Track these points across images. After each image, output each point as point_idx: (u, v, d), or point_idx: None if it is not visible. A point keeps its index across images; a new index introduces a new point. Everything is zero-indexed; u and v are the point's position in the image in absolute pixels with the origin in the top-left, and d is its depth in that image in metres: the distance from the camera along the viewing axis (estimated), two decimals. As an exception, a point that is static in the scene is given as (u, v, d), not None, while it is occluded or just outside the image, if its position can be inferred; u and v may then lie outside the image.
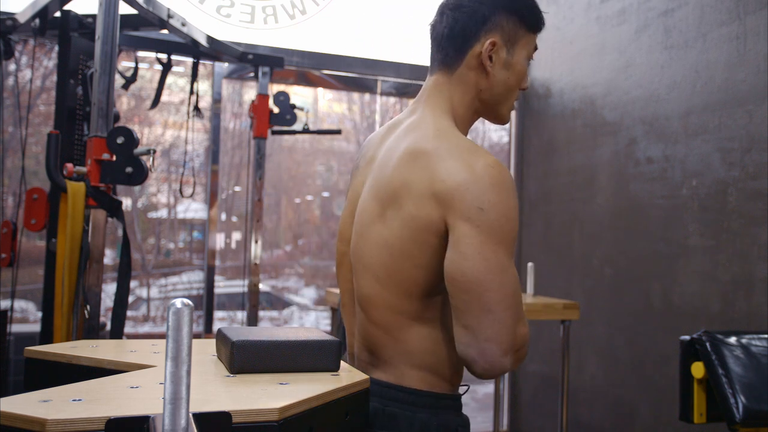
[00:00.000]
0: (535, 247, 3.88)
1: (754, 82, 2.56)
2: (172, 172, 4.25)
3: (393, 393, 1.12)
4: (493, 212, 1.01)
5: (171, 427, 0.57)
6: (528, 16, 1.16)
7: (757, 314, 2.48)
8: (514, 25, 1.15)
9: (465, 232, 1.01)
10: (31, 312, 3.83)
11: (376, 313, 1.13)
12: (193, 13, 3.02)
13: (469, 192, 1.01)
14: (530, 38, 1.18)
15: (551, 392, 3.63)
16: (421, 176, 1.05)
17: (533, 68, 3.99)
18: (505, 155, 4.15)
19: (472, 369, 1.05)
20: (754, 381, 1.78)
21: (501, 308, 1.01)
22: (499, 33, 1.14)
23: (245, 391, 0.82)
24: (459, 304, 1.03)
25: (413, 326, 1.11)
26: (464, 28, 1.15)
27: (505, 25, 1.15)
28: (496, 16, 1.14)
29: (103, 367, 0.98)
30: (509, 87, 1.18)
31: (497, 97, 1.18)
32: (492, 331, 1.01)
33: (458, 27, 1.15)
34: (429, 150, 1.06)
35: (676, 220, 2.88)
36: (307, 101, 4.21)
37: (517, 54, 1.17)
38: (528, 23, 1.17)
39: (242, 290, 3.10)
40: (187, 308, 0.58)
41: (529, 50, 1.19)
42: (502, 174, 1.04)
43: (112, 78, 2.03)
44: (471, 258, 1.01)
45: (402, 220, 1.07)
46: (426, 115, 1.15)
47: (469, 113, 1.19)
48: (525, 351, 1.08)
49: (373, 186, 1.14)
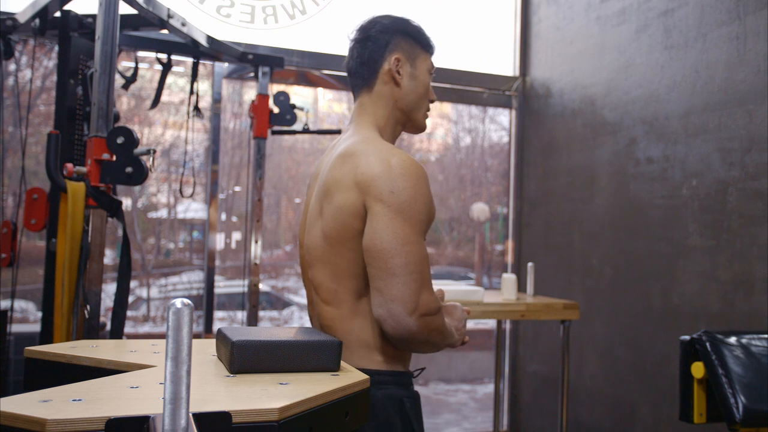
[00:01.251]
0: (535, 247, 3.88)
1: (754, 82, 2.56)
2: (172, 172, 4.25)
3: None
4: (402, 195, 1.23)
5: (171, 427, 0.57)
6: (419, 38, 1.44)
7: (757, 314, 2.48)
8: (411, 45, 1.43)
9: (378, 210, 1.23)
10: (31, 312, 3.83)
11: (326, 295, 1.33)
12: (193, 13, 3.02)
13: (382, 179, 1.23)
14: (426, 56, 1.45)
15: (551, 392, 3.63)
16: (347, 172, 1.28)
17: (533, 68, 3.99)
18: (505, 155, 4.15)
19: (385, 329, 1.23)
20: (754, 381, 1.78)
21: (405, 272, 1.20)
22: (401, 51, 1.42)
23: (245, 391, 0.82)
24: (372, 271, 1.23)
25: (358, 305, 1.31)
26: (372, 53, 1.42)
27: (404, 45, 1.42)
28: (395, 39, 1.42)
29: (103, 367, 0.98)
30: (418, 95, 1.43)
31: (411, 104, 1.43)
32: (397, 291, 1.20)
33: (367, 53, 1.43)
34: (355, 152, 1.30)
35: (676, 220, 2.88)
36: (307, 101, 4.21)
37: (419, 68, 1.44)
38: (421, 44, 1.44)
39: (242, 290, 3.10)
40: (187, 308, 0.58)
41: (428, 66, 1.46)
42: (413, 166, 1.26)
43: (112, 78, 2.03)
44: (381, 231, 1.22)
45: (333, 211, 1.29)
46: (355, 129, 1.40)
47: (391, 123, 1.43)
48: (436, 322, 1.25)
49: (316, 190, 1.39)
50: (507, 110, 4.17)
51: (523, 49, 4.06)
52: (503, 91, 4.06)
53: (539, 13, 3.93)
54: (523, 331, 3.97)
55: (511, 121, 4.15)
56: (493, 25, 4.06)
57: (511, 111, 4.14)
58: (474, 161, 4.93)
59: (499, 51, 4.11)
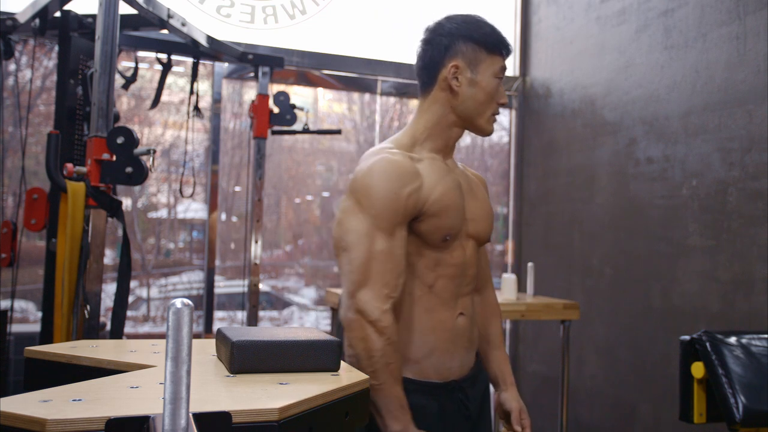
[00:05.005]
0: (535, 247, 3.88)
1: (754, 82, 2.56)
2: (172, 172, 4.24)
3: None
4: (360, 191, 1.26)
5: (171, 427, 0.57)
6: (486, 42, 1.36)
7: (757, 314, 2.48)
8: (474, 50, 1.36)
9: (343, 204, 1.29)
10: (31, 312, 3.83)
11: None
12: (193, 13, 3.02)
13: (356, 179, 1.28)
14: (493, 59, 1.37)
15: (551, 392, 3.63)
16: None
17: (533, 68, 3.99)
18: (505, 155, 4.15)
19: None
20: (754, 381, 1.78)
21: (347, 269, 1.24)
22: (461, 57, 1.36)
23: (245, 391, 0.82)
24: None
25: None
26: (432, 58, 1.38)
27: (465, 51, 1.36)
28: (456, 44, 1.36)
29: (103, 367, 0.98)
30: (478, 102, 1.37)
31: (470, 111, 1.38)
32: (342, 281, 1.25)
33: (428, 57, 1.39)
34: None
35: (676, 220, 2.88)
36: (307, 101, 4.21)
37: (482, 73, 1.36)
38: (487, 47, 1.37)
39: (242, 290, 3.10)
40: (187, 308, 0.58)
41: (495, 69, 1.37)
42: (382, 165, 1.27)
43: (112, 78, 2.03)
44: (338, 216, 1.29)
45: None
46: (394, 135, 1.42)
47: (440, 127, 1.39)
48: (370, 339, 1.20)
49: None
50: (507, 110, 4.17)
51: (523, 49, 4.06)
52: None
53: (539, 13, 3.93)
54: (523, 331, 3.97)
55: (511, 121, 4.15)
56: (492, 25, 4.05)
57: (511, 111, 4.14)
58: (474, 161, 4.93)
59: (499, 51, 4.10)
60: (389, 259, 1.23)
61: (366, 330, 1.20)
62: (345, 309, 1.22)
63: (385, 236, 1.24)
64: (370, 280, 1.21)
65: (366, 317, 1.20)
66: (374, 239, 1.22)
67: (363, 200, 1.25)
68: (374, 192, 1.25)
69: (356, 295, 1.20)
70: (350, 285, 1.21)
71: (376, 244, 1.23)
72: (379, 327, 1.20)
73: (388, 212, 1.24)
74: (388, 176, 1.26)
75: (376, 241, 1.23)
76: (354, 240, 1.23)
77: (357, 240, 1.23)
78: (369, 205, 1.24)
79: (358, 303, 1.20)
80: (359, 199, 1.26)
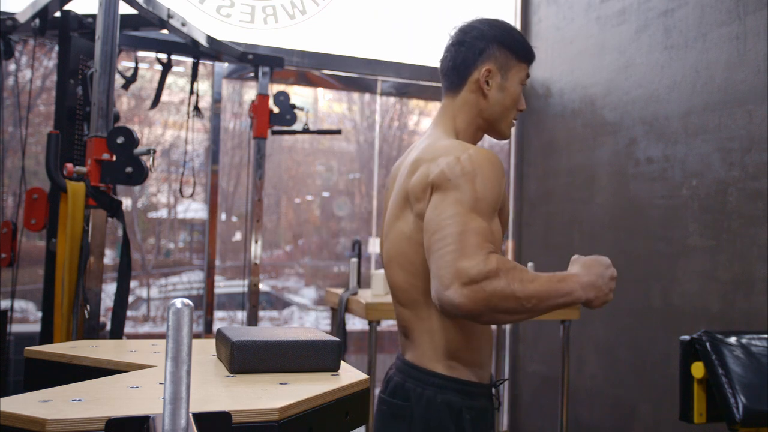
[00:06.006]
0: (535, 247, 3.88)
1: (754, 82, 2.56)
2: (172, 172, 4.24)
3: (412, 371, 1.32)
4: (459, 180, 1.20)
5: (171, 427, 0.57)
6: (517, 49, 1.39)
7: (757, 314, 2.48)
8: (506, 56, 1.38)
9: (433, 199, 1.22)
10: (31, 312, 3.83)
11: (403, 296, 1.34)
12: (193, 13, 3.02)
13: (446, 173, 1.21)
14: (521, 67, 1.40)
15: (551, 392, 3.63)
16: (420, 176, 1.27)
17: (533, 68, 3.99)
18: (505, 155, 4.15)
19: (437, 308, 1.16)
20: (754, 381, 1.78)
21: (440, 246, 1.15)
22: (494, 62, 1.37)
23: (245, 391, 0.82)
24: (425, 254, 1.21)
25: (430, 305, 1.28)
26: (465, 60, 1.38)
27: (498, 56, 1.38)
28: (490, 48, 1.37)
29: (103, 367, 0.98)
30: (505, 107, 1.39)
31: (496, 115, 1.40)
32: (435, 267, 1.15)
33: (460, 59, 1.39)
34: (424, 156, 1.29)
35: (676, 220, 2.88)
36: (307, 101, 4.21)
37: (510, 80, 1.39)
38: (518, 54, 1.39)
39: (242, 290, 3.10)
40: (187, 308, 0.58)
41: (521, 77, 1.41)
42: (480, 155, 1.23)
43: (112, 78, 2.03)
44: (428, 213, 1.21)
45: (414, 217, 1.28)
46: (432, 132, 1.39)
47: (472, 129, 1.40)
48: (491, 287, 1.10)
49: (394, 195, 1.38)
50: (507, 110, 4.16)
51: (523, 49, 4.06)
52: (503, 91, 4.06)
53: (539, 13, 3.93)
54: (523, 331, 3.97)
55: (511, 121, 4.15)
56: (493, 25, 4.05)
57: (511, 111, 4.13)
58: (474, 161, 4.93)
59: (499, 51, 4.10)
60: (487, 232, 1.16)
61: (489, 287, 1.10)
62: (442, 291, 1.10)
63: (482, 219, 1.17)
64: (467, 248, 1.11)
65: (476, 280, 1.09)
66: (471, 219, 1.15)
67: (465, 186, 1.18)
68: (480, 179, 1.19)
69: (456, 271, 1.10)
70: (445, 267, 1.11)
71: (474, 221, 1.15)
72: (491, 275, 1.10)
73: (491, 199, 1.20)
74: (493, 165, 1.22)
75: (473, 220, 1.16)
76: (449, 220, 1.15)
77: (453, 220, 1.15)
78: (472, 189, 1.18)
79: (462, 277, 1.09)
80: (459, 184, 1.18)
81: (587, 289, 1.28)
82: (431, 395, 1.27)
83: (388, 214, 1.39)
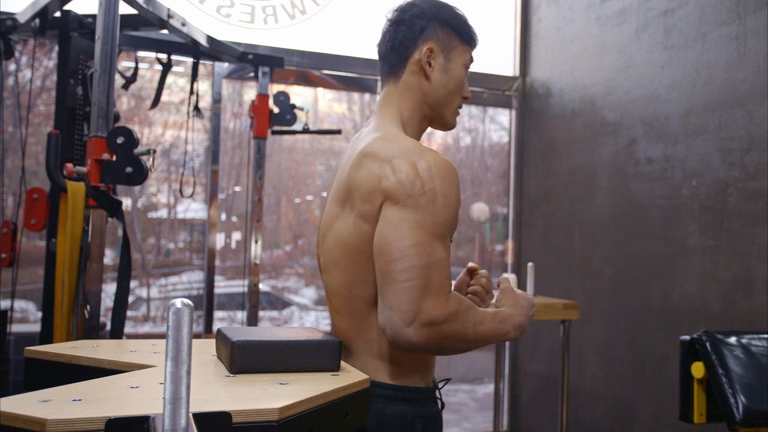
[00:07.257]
0: (535, 247, 3.88)
1: (754, 82, 2.56)
2: (172, 172, 4.24)
3: None
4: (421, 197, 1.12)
5: (171, 427, 0.57)
6: (460, 29, 1.31)
7: (757, 314, 2.48)
8: (448, 36, 1.31)
9: (389, 212, 1.13)
10: (31, 312, 3.83)
11: (341, 304, 1.24)
12: (193, 13, 3.02)
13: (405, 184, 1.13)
14: (465, 49, 1.33)
15: (551, 392, 3.63)
16: (370, 177, 1.17)
17: (533, 68, 3.99)
18: (505, 155, 4.15)
19: (386, 338, 1.12)
20: (754, 381, 1.78)
21: (405, 278, 1.08)
22: (435, 41, 1.29)
23: (245, 391, 0.82)
24: (377, 276, 1.14)
25: (370, 314, 1.21)
26: (404, 39, 1.30)
27: (440, 35, 1.30)
28: (430, 26, 1.30)
29: (103, 367, 0.98)
30: (449, 90, 1.31)
31: (440, 100, 1.32)
32: (395, 298, 1.09)
33: (399, 39, 1.31)
34: (377, 153, 1.18)
35: (676, 220, 2.88)
36: (307, 101, 4.21)
37: (453, 61, 1.31)
38: (461, 35, 1.32)
39: (242, 290, 3.10)
40: (187, 308, 0.58)
41: (465, 60, 1.33)
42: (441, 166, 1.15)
43: (112, 78, 2.03)
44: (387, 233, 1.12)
45: (354, 218, 1.19)
46: (377, 123, 1.28)
47: (417, 117, 1.32)
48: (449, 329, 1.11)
49: (333, 190, 1.28)
50: (507, 110, 4.17)
51: (523, 49, 4.06)
52: (503, 91, 4.06)
53: (539, 13, 3.93)
54: (523, 331, 3.97)
55: (511, 121, 4.15)
56: (493, 25, 4.06)
57: (511, 111, 4.14)
58: (474, 161, 4.93)
59: (499, 51, 4.11)
60: (447, 265, 1.15)
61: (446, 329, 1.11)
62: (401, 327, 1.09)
63: (441, 244, 1.14)
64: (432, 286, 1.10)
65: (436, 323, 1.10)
66: (434, 249, 1.12)
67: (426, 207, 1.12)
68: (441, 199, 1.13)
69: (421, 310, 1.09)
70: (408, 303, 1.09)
71: (437, 252, 1.12)
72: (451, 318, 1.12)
73: (450, 221, 1.16)
74: (452, 179, 1.16)
75: (436, 251, 1.12)
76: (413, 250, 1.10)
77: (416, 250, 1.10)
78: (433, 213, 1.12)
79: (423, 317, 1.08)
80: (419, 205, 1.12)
81: (517, 329, 1.27)
82: (380, 408, 1.19)
83: (327, 211, 1.28)
